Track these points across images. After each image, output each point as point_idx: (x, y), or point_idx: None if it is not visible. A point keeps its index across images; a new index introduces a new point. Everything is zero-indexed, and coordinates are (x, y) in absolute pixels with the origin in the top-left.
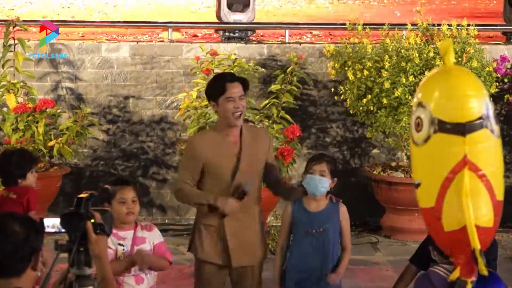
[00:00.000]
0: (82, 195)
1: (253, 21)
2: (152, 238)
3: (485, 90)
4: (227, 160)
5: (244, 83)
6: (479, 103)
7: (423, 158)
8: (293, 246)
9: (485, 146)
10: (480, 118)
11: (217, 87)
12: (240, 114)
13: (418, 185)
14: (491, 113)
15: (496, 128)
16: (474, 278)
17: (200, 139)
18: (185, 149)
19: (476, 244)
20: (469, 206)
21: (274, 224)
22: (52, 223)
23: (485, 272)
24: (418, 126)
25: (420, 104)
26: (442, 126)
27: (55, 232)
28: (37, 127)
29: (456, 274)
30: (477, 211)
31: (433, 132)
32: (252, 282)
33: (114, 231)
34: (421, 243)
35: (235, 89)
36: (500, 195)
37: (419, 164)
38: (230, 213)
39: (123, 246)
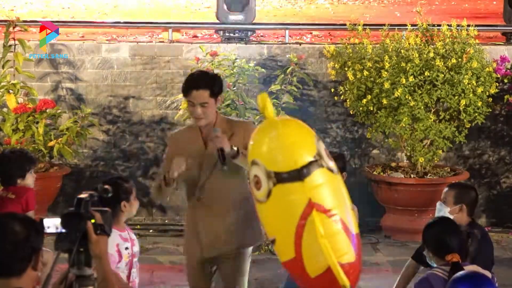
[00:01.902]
0: (82, 195)
1: (253, 22)
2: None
3: (311, 132)
4: (194, 155)
5: (212, 87)
6: (308, 147)
7: (270, 213)
8: None
9: (326, 185)
10: (313, 160)
11: (184, 88)
12: (202, 118)
13: (273, 242)
14: (323, 152)
15: (332, 165)
16: None
17: (175, 134)
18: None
19: (345, 281)
20: (327, 246)
21: None
22: (52, 223)
23: None
24: (257, 184)
25: (254, 162)
26: (279, 177)
27: (55, 232)
28: (37, 128)
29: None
30: (336, 250)
31: (272, 186)
32: (231, 270)
33: (119, 232)
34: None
35: (195, 96)
36: (355, 228)
37: (268, 220)
38: (174, 172)
39: (128, 249)
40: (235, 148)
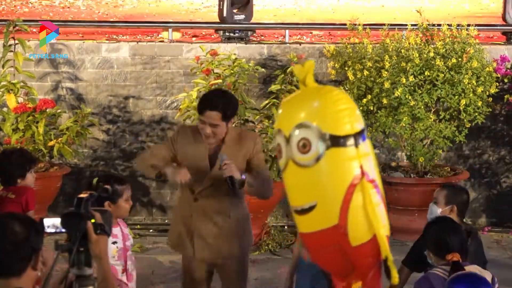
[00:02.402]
0: (82, 195)
1: (253, 21)
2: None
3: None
4: (201, 159)
5: (225, 112)
6: (359, 115)
7: (316, 178)
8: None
9: (372, 155)
10: (363, 130)
11: (199, 106)
12: (210, 137)
13: (310, 209)
14: (364, 124)
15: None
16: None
17: (187, 129)
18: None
19: (388, 253)
20: (376, 216)
21: (274, 224)
22: (52, 223)
23: (396, 280)
24: (305, 147)
25: (302, 125)
26: (335, 141)
27: (55, 232)
28: (37, 127)
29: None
30: (380, 220)
31: (325, 149)
32: (230, 274)
33: None
34: (413, 245)
35: (208, 116)
36: (384, 203)
37: (311, 185)
38: (176, 180)
39: (117, 243)
40: (243, 177)
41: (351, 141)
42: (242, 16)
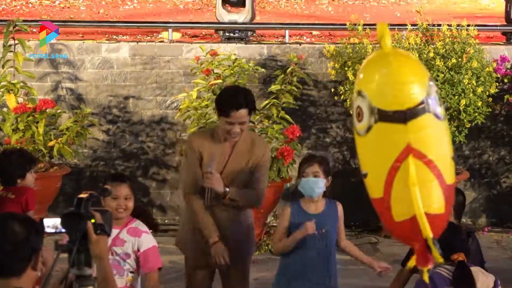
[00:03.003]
0: (82, 195)
1: (253, 21)
2: (133, 245)
3: (425, 72)
4: (218, 163)
5: (249, 105)
6: (419, 88)
7: (367, 148)
8: (294, 252)
9: (429, 131)
10: (421, 103)
11: (222, 108)
12: (236, 136)
13: (365, 176)
14: (433, 96)
15: (439, 110)
16: (430, 267)
17: (198, 136)
18: (186, 149)
19: (428, 233)
20: (417, 195)
21: (274, 224)
22: (52, 223)
23: (440, 260)
24: (359, 116)
25: (359, 93)
26: (382, 115)
27: (55, 232)
28: (37, 127)
29: (412, 263)
30: (426, 198)
31: (374, 122)
32: (232, 277)
33: None
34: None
35: (237, 116)
36: (450, 179)
37: (364, 154)
38: (219, 261)
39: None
40: (227, 189)
41: (400, 117)
42: (236, 17)
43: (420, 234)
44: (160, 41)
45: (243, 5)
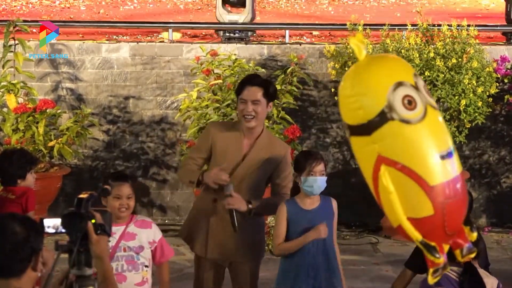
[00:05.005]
0: (82, 196)
1: (253, 22)
2: (147, 236)
3: (394, 78)
4: (232, 156)
5: (267, 87)
6: (377, 97)
7: (356, 160)
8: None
9: (395, 138)
10: (381, 112)
11: (238, 86)
12: (252, 118)
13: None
14: (396, 103)
15: (410, 114)
16: (439, 267)
17: (218, 126)
18: (202, 133)
19: (416, 237)
20: (396, 202)
21: (274, 224)
22: (52, 224)
23: (438, 261)
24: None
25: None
26: (351, 130)
27: (55, 233)
28: (37, 128)
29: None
30: (408, 203)
31: (348, 136)
32: (241, 277)
33: None
34: (415, 247)
35: (249, 93)
36: (434, 180)
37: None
38: (220, 180)
39: (109, 241)
40: (250, 206)
41: (363, 129)
42: (236, 17)
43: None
44: (160, 41)
45: (243, 5)
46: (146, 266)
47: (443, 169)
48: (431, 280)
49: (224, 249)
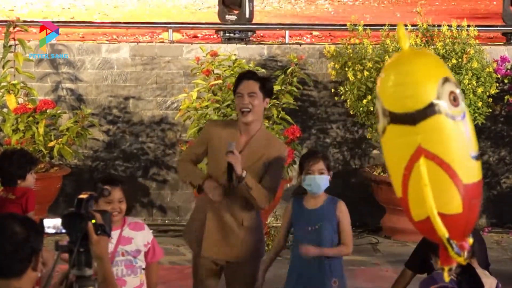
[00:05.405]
0: (82, 196)
1: (253, 22)
2: (142, 238)
3: (440, 73)
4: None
5: (263, 82)
6: (428, 89)
7: (384, 149)
8: (294, 245)
9: (440, 132)
10: (430, 104)
11: (235, 82)
12: (249, 112)
13: (389, 175)
14: (445, 97)
15: (455, 110)
16: (453, 266)
17: (216, 123)
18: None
19: (443, 233)
20: (429, 196)
21: (274, 224)
22: (52, 224)
23: (459, 259)
24: (377, 117)
25: (376, 95)
26: (393, 117)
27: (55, 233)
28: (37, 128)
29: (439, 263)
30: (440, 199)
31: (387, 124)
32: (235, 279)
33: None
34: (415, 247)
35: (246, 86)
36: (468, 178)
37: (384, 155)
38: (213, 198)
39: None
40: (243, 174)
41: (408, 119)
42: (238, 17)
43: (437, 233)
44: (160, 42)
45: (243, 5)
46: (143, 269)
47: (475, 169)
48: (448, 278)
49: (221, 248)
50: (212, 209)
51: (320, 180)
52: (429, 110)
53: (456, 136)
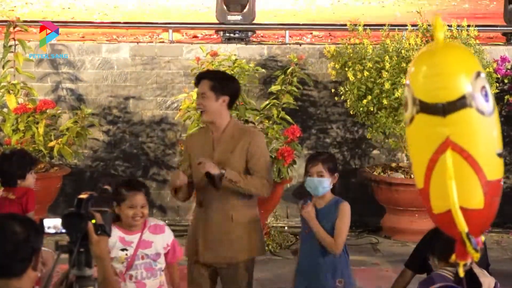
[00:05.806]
0: (82, 196)
1: (253, 22)
2: (162, 242)
3: (474, 67)
4: (206, 155)
5: (214, 80)
6: (461, 82)
7: (410, 138)
8: (302, 247)
9: (469, 126)
10: (462, 97)
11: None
12: (202, 112)
13: (411, 165)
14: (478, 91)
15: (485, 106)
16: (468, 261)
17: (190, 138)
18: None
19: (463, 227)
20: (453, 189)
21: (274, 224)
22: (52, 224)
23: (475, 255)
24: (405, 105)
25: (407, 84)
26: (423, 107)
27: (55, 233)
28: (37, 128)
29: (453, 258)
30: (463, 193)
31: (415, 113)
32: (231, 280)
33: (122, 235)
34: (415, 247)
35: (199, 87)
36: (492, 175)
37: (409, 144)
38: (181, 183)
39: (127, 250)
40: (222, 171)
41: (439, 110)
42: (238, 17)
43: (456, 228)
44: (160, 42)
45: (243, 5)
46: (162, 271)
47: (498, 166)
48: (462, 273)
49: (216, 250)
50: (201, 214)
51: (318, 183)
52: (460, 103)
53: (485, 131)
